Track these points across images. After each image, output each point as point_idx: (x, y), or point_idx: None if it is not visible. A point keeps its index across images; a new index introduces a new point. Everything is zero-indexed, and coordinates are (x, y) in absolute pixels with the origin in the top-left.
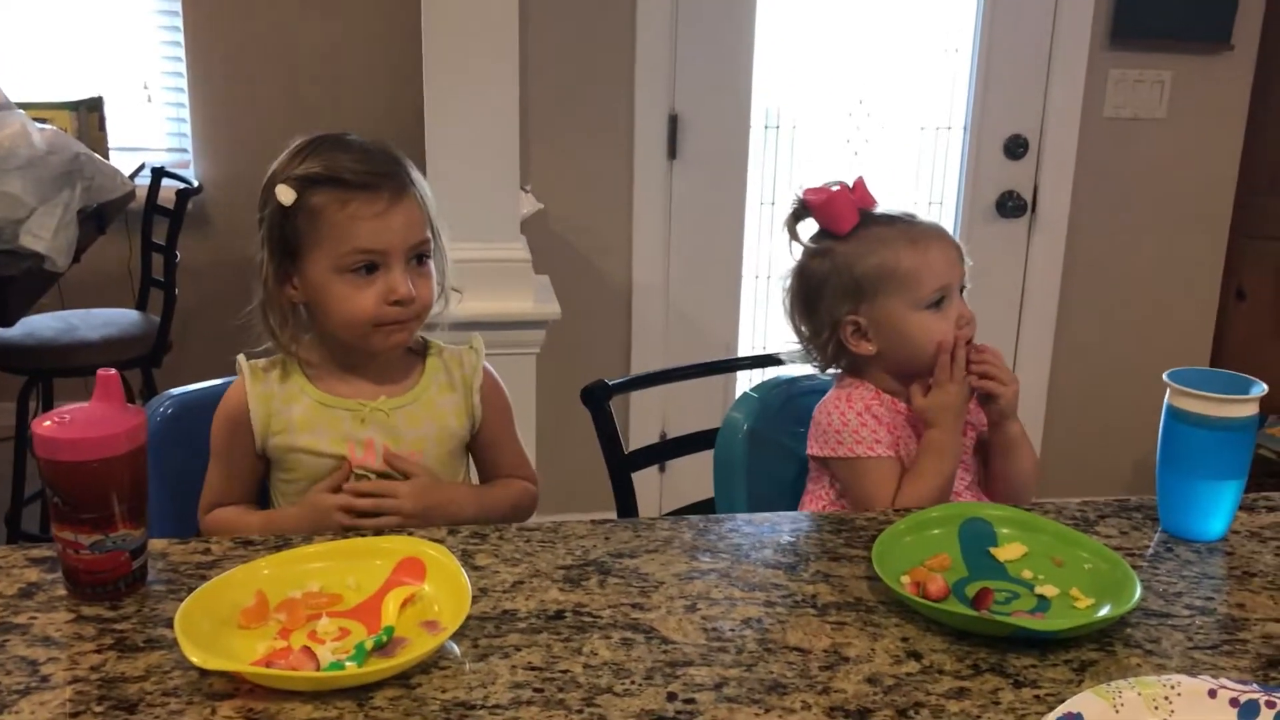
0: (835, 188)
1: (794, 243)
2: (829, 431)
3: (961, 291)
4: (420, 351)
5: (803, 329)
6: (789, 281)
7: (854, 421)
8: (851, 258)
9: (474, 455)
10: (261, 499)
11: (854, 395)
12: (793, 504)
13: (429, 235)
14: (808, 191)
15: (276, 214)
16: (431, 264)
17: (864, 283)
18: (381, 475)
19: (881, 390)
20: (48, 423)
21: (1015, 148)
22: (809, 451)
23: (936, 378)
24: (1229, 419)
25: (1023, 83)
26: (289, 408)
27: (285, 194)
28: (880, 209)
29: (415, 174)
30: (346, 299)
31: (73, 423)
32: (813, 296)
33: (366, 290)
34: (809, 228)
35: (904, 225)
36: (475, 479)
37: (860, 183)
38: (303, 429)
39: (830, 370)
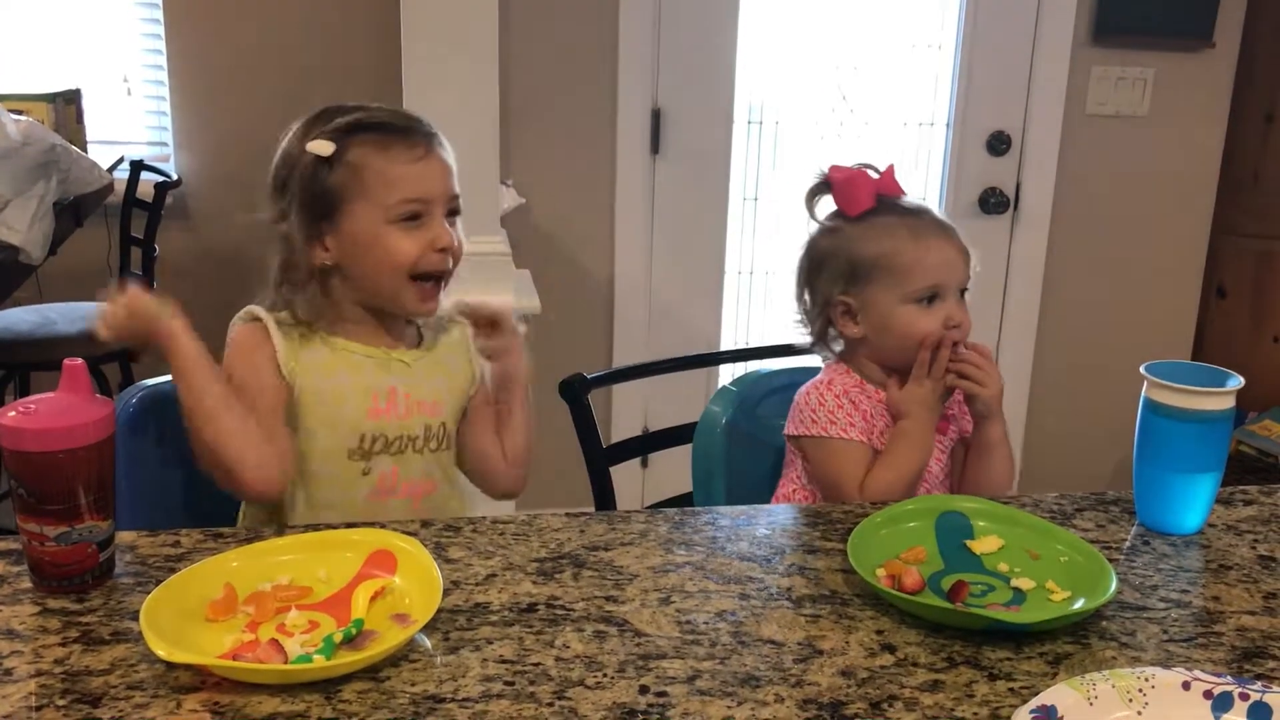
0: (862, 169)
1: (811, 219)
2: (805, 411)
3: (962, 294)
4: (413, 323)
5: (803, 300)
6: (800, 252)
7: (831, 403)
8: (855, 240)
9: (466, 420)
10: None
11: (835, 380)
12: (771, 497)
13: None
14: (833, 169)
15: (310, 170)
16: (460, 223)
17: (860, 267)
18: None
19: (864, 378)
20: (12, 413)
21: (998, 144)
22: (785, 431)
23: (914, 372)
24: (1206, 411)
25: (1006, 79)
26: (306, 353)
27: (323, 146)
28: (902, 200)
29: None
30: (393, 248)
31: (38, 413)
32: (814, 271)
33: (413, 236)
34: (829, 205)
35: (913, 218)
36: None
37: (890, 171)
38: (324, 373)
39: (824, 353)
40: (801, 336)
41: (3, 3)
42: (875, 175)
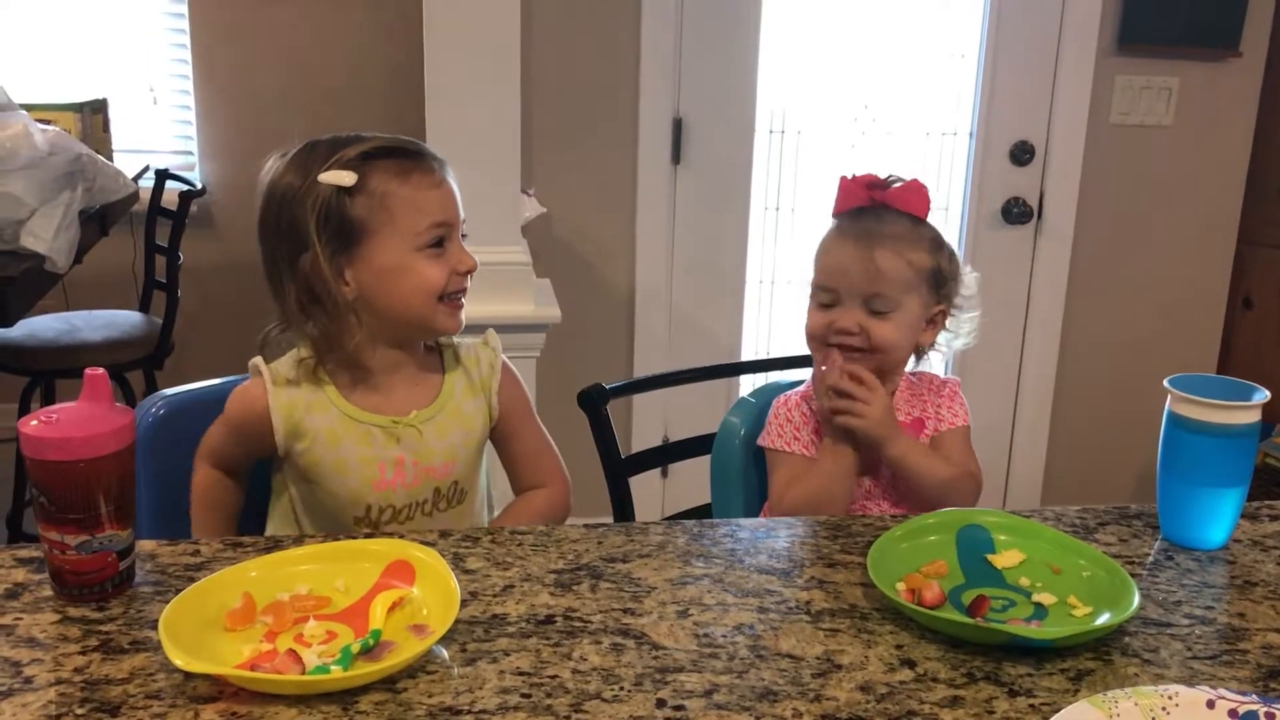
0: (896, 183)
1: None
2: (766, 423)
3: (874, 311)
4: (435, 349)
5: None
6: None
7: (782, 416)
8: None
9: (497, 448)
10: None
11: (796, 393)
12: None
13: None
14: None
15: (332, 204)
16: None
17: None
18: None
19: None
20: (34, 422)
21: (1021, 154)
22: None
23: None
24: (1230, 426)
25: (1029, 89)
26: (314, 417)
27: (344, 177)
28: (865, 207)
29: None
30: (423, 275)
31: (60, 422)
32: None
33: (438, 262)
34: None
35: (847, 221)
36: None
37: (898, 182)
38: (330, 443)
39: None
40: None
41: (32, 14)
42: (870, 184)
